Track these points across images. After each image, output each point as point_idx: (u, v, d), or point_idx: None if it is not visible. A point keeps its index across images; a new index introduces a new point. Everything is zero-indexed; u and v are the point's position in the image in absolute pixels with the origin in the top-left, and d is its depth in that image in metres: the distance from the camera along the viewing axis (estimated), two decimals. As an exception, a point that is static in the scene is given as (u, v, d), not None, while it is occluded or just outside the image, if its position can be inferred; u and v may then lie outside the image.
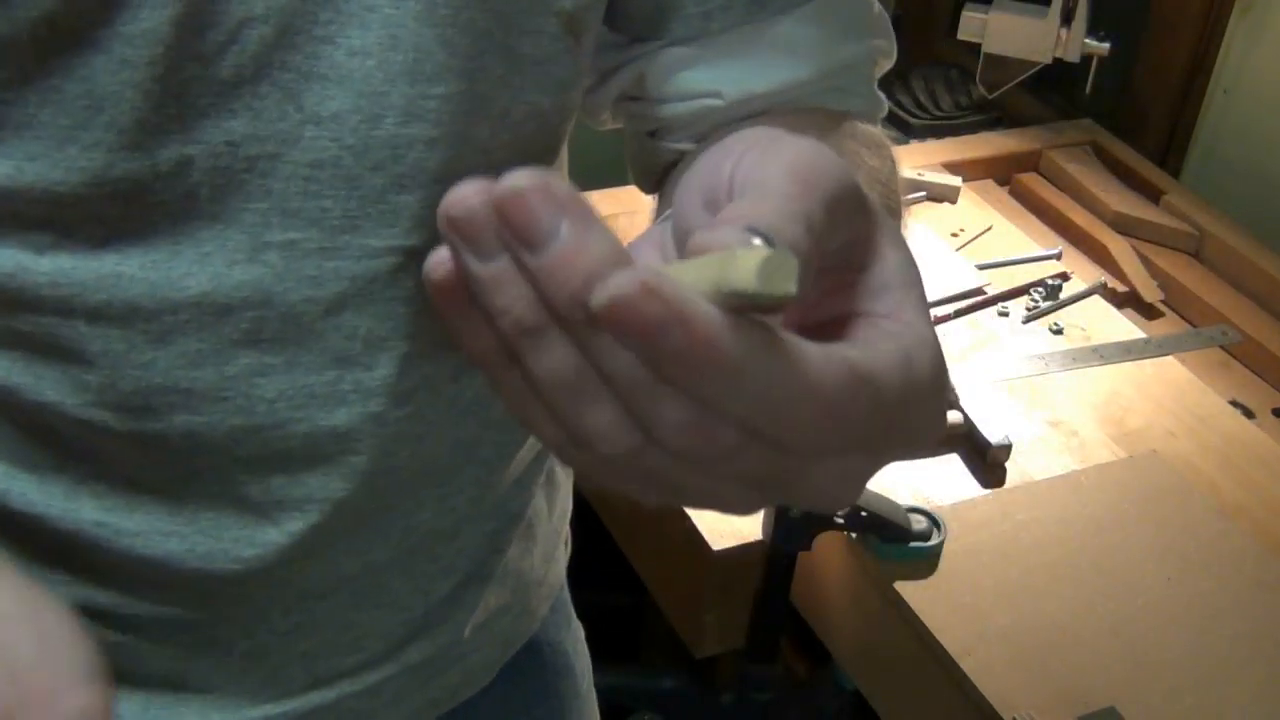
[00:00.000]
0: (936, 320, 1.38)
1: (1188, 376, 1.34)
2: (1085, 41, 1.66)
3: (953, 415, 1.22)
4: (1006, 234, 1.55)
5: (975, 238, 1.54)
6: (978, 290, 1.44)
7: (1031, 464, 1.22)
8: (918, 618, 1.05)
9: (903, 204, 0.70)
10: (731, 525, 1.16)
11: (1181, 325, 1.45)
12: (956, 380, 1.25)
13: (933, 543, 1.10)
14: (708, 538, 1.15)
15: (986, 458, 1.21)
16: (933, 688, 1.06)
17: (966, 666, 1.02)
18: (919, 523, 1.11)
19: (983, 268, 1.47)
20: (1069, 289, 1.46)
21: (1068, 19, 1.65)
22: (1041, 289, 1.46)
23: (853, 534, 1.11)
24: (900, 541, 1.09)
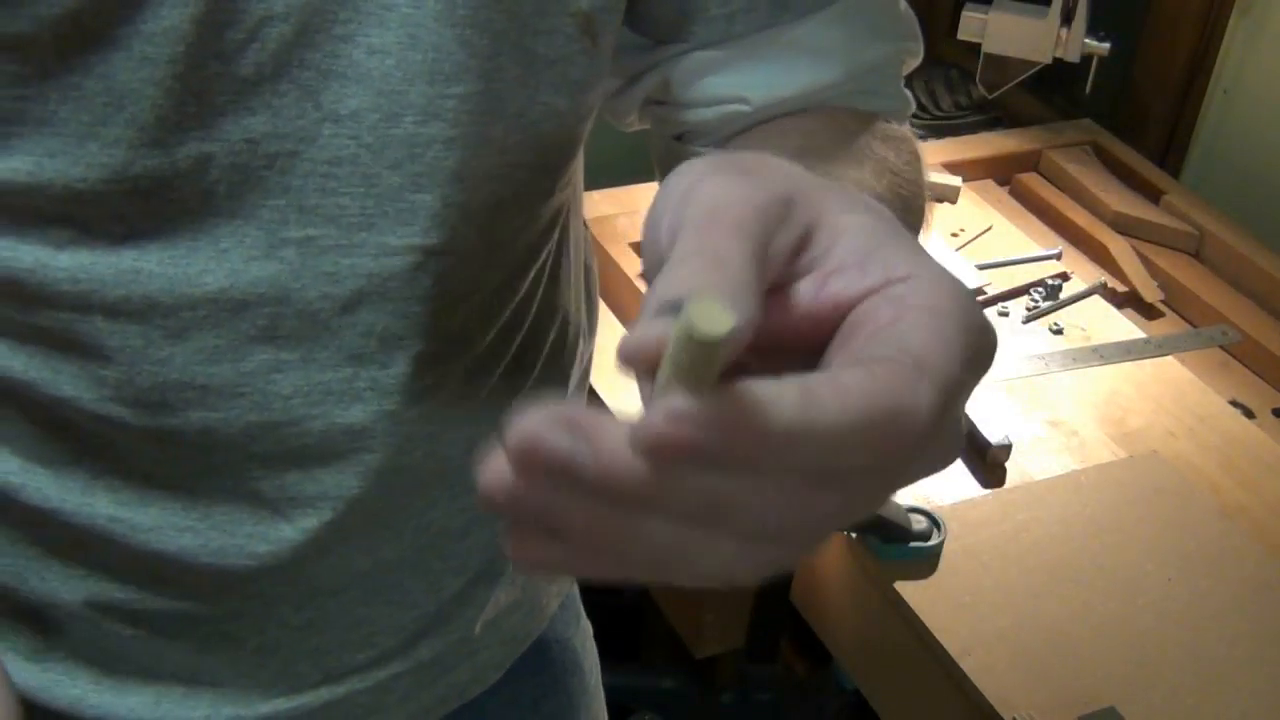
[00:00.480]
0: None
1: (1188, 376, 1.34)
2: (1085, 41, 1.66)
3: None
4: (1006, 234, 1.55)
5: (975, 238, 1.53)
6: (978, 290, 1.43)
7: (1031, 464, 1.22)
8: (918, 618, 1.05)
9: (926, 196, 0.71)
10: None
11: (1181, 325, 1.45)
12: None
13: (933, 543, 1.10)
14: (709, 537, 1.14)
15: (986, 458, 1.21)
16: (933, 688, 1.06)
17: (966, 666, 1.02)
18: (919, 523, 1.11)
19: (983, 268, 1.47)
20: (1069, 289, 1.46)
21: (1068, 19, 1.65)
22: (1041, 289, 1.46)
23: (853, 534, 1.11)
24: (900, 541, 1.09)
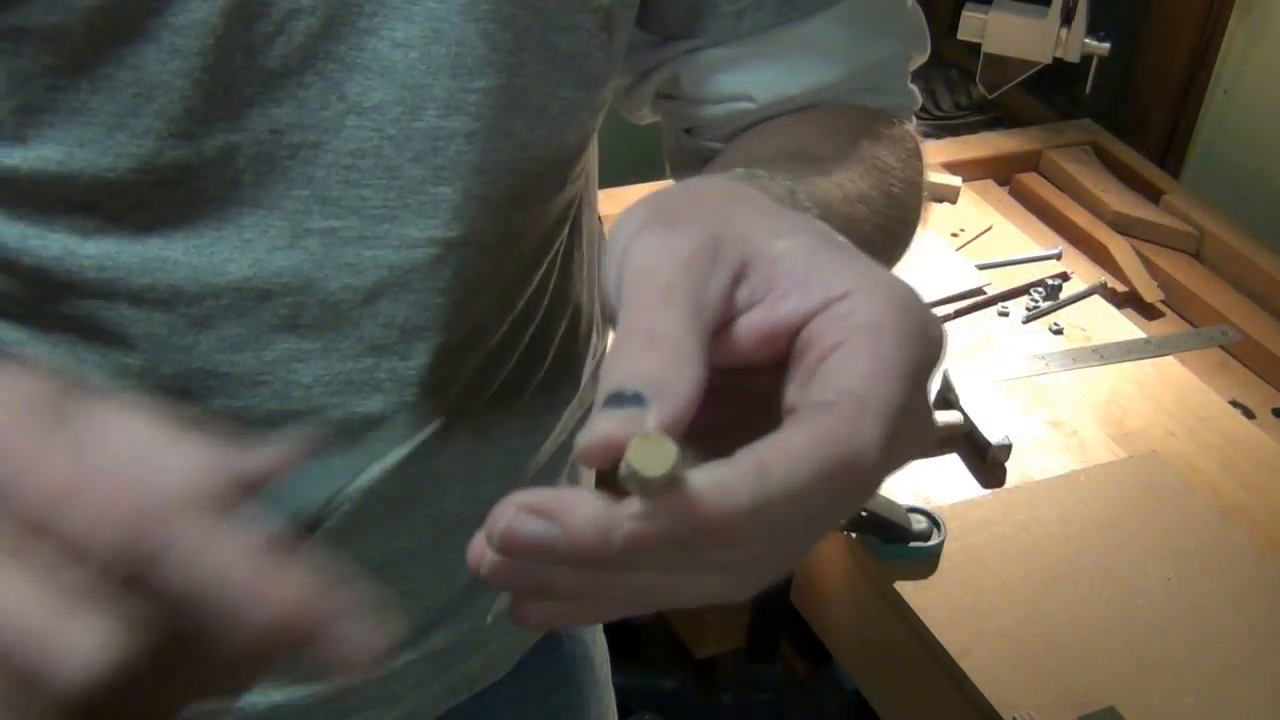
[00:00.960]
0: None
1: (1188, 376, 1.34)
2: (1085, 41, 1.66)
3: (953, 415, 1.22)
4: (1006, 234, 1.55)
5: (975, 238, 1.54)
6: (978, 290, 1.44)
7: (1031, 464, 1.22)
8: (918, 618, 1.06)
9: (922, 194, 0.72)
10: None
11: (1181, 325, 1.45)
12: (956, 380, 1.25)
13: (933, 543, 1.10)
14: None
15: (986, 458, 1.21)
16: (933, 688, 1.06)
17: (966, 666, 1.02)
18: (919, 523, 1.11)
19: (983, 268, 1.47)
20: (1069, 289, 1.46)
21: (1068, 19, 1.65)
22: (1041, 289, 1.46)
23: (853, 534, 1.11)
24: (900, 541, 1.09)
